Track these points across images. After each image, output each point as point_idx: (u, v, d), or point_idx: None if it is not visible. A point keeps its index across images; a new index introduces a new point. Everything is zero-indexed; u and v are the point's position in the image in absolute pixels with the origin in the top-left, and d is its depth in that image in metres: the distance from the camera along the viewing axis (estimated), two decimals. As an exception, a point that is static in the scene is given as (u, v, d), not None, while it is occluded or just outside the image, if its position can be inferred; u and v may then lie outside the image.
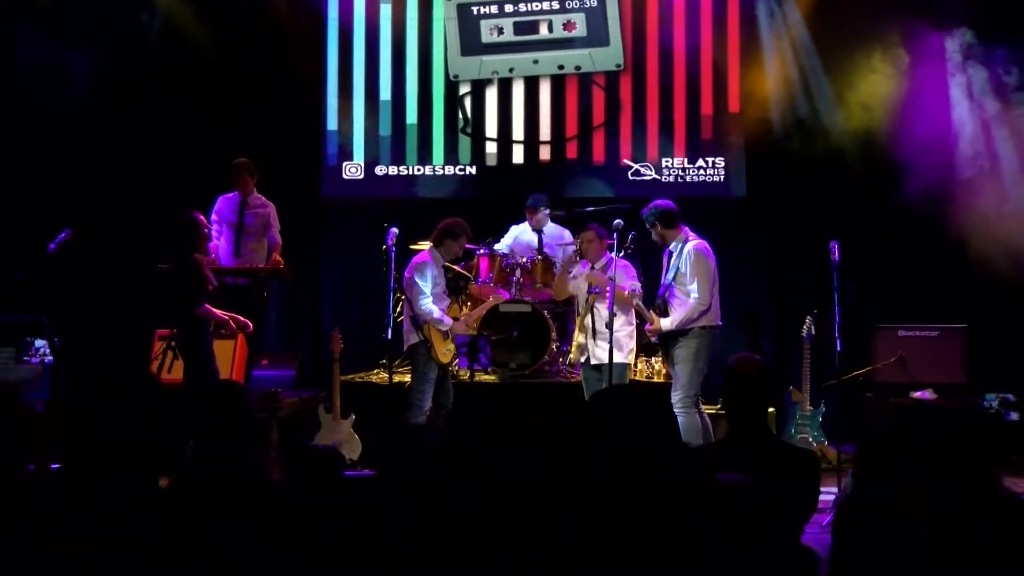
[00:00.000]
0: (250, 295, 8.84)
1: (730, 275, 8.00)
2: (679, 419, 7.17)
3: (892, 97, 9.46)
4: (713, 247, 7.60)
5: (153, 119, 9.98)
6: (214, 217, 9.14)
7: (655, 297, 7.62)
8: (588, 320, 7.71)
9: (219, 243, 9.19)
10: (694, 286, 7.31)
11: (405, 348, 7.99)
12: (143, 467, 3.05)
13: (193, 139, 9.97)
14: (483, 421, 3.16)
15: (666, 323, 7.36)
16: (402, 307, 8.18)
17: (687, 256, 7.35)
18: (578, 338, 7.84)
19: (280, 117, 10.30)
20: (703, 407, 7.50)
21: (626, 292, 7.51)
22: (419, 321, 7.80)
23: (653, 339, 7.69)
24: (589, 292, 7.72)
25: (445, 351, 7.89)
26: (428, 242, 8.10)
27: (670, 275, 7.46)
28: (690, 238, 7.43)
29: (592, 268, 7.81)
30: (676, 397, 7.28)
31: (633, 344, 7.81)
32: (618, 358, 7.48)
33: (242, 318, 7.85)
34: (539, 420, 3.07)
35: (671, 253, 7.49)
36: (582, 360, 7.79)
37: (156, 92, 10.02)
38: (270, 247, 9.28)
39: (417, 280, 7.80)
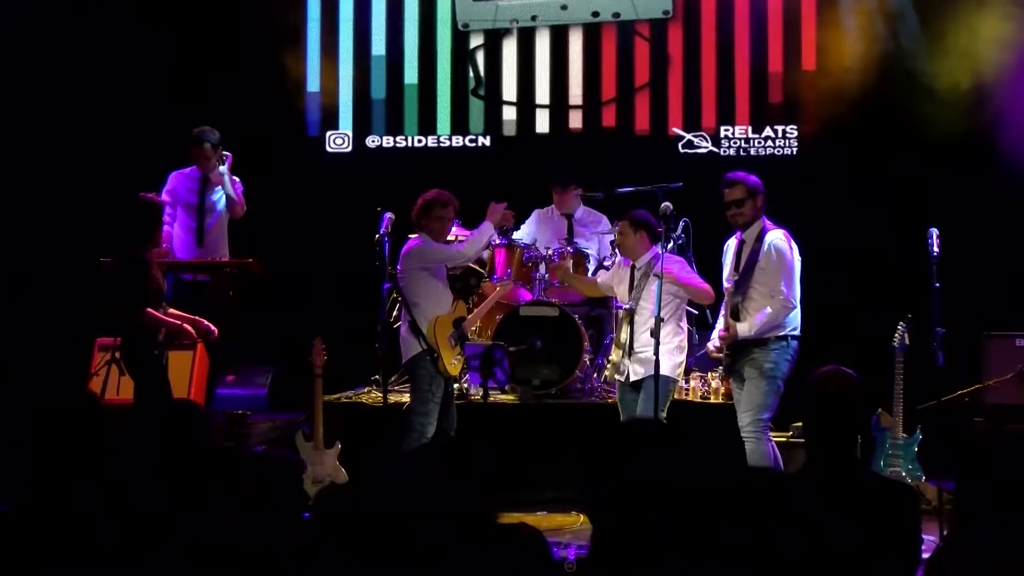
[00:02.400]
0: (213, 295, 8.83)
1: (804, 271, 7.95)
2: (747, 446, 7.22)
3: (1007, 48, 9.40)
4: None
5: (96, 81, 10.00)
6: (166, 198, 9.09)
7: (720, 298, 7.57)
8: (624, 334, 7.69)
9: (172, 230, 9.17)
10: (781, 285, 7.28)
11: (404, 361, 7.97)
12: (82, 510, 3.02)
13: (144, 105, 10.00)
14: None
15: (743, 328, 7.30)
16: (399, 311, 8.16)
17: (770, 249, 7.30)
18: (614, 354, 7.84)
19: (249, 77, 10.31)
20: (771, 434, 7.47)
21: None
22: (419, 326, 7.74)
23: (721, 354, 7.57)
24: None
25: (454, 361, 7.87)
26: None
27: (743, 270, 7.36)
28: (768, 227, 7.40)
29: (633, 266, 7.79)
30: (746, 420, 7.26)
31: (683, 358, 7.80)
32: (663, 372, 7.46)
33: (204, 321, 7.82)
34: None
35: (742, 243, 7.43)
36: (619, 378, 7.79)
37: (99, 49, 10.03)
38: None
39: (422, 251, 7.76)
